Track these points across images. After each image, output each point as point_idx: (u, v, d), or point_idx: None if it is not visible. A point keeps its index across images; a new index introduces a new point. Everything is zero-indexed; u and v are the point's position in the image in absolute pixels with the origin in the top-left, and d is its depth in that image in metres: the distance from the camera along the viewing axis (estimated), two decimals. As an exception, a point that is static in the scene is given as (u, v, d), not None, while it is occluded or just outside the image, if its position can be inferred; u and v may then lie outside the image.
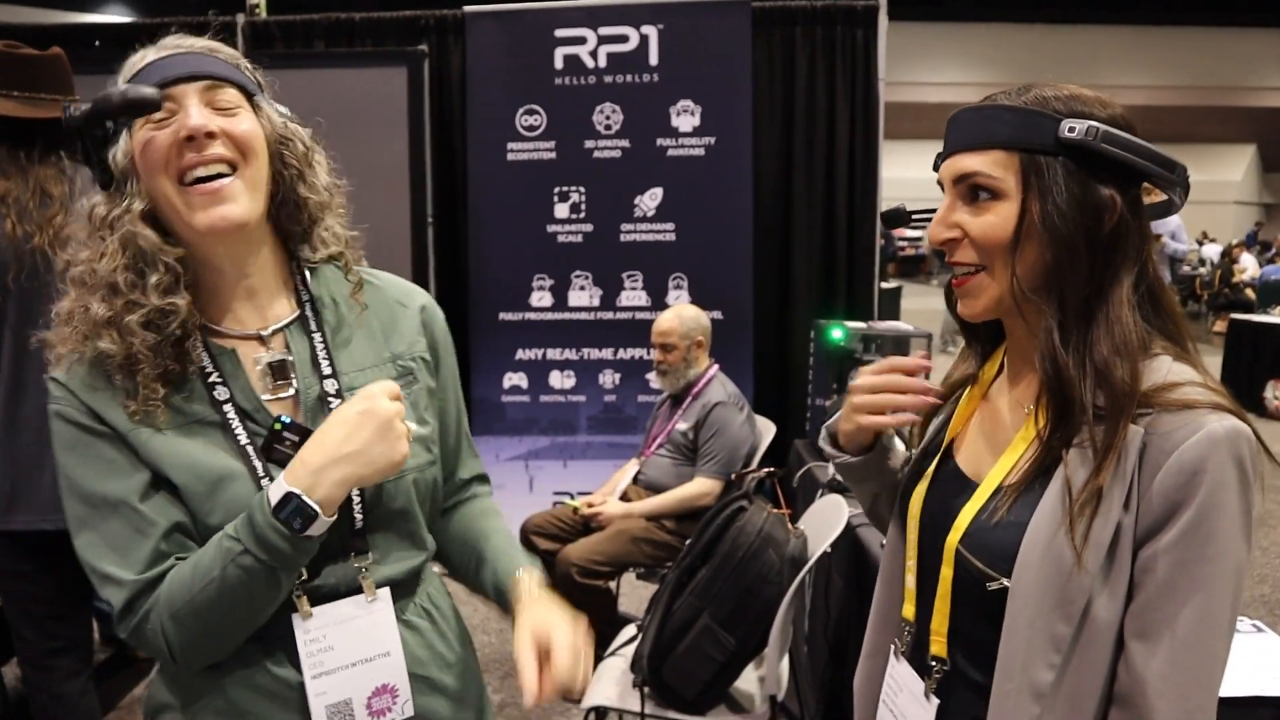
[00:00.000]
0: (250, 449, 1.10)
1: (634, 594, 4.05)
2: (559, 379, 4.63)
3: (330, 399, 1.15)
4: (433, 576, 1.28)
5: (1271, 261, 12.93)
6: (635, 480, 3.65)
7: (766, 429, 3.73)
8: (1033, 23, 19.23)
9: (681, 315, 3.58)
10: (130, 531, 1.06)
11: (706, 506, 3.34)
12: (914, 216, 1.18)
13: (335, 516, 1.05)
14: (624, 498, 3.59)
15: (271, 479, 1.07)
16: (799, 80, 4.60)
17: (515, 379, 4.63)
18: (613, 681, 2.47)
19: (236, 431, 1.10)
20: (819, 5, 4.53)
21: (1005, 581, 1.00)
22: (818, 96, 4.60)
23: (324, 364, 1.17)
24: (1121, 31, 19.33)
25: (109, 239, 1.07)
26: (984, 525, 1.04)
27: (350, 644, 1.14)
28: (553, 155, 4.51)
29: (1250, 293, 12.86)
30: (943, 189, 1.07)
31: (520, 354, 4.61)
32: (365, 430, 1.04)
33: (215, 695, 1.12)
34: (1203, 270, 16.11)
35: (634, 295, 4.56)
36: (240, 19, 4.54)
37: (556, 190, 4.53)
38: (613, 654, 2.61)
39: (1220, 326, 12.12)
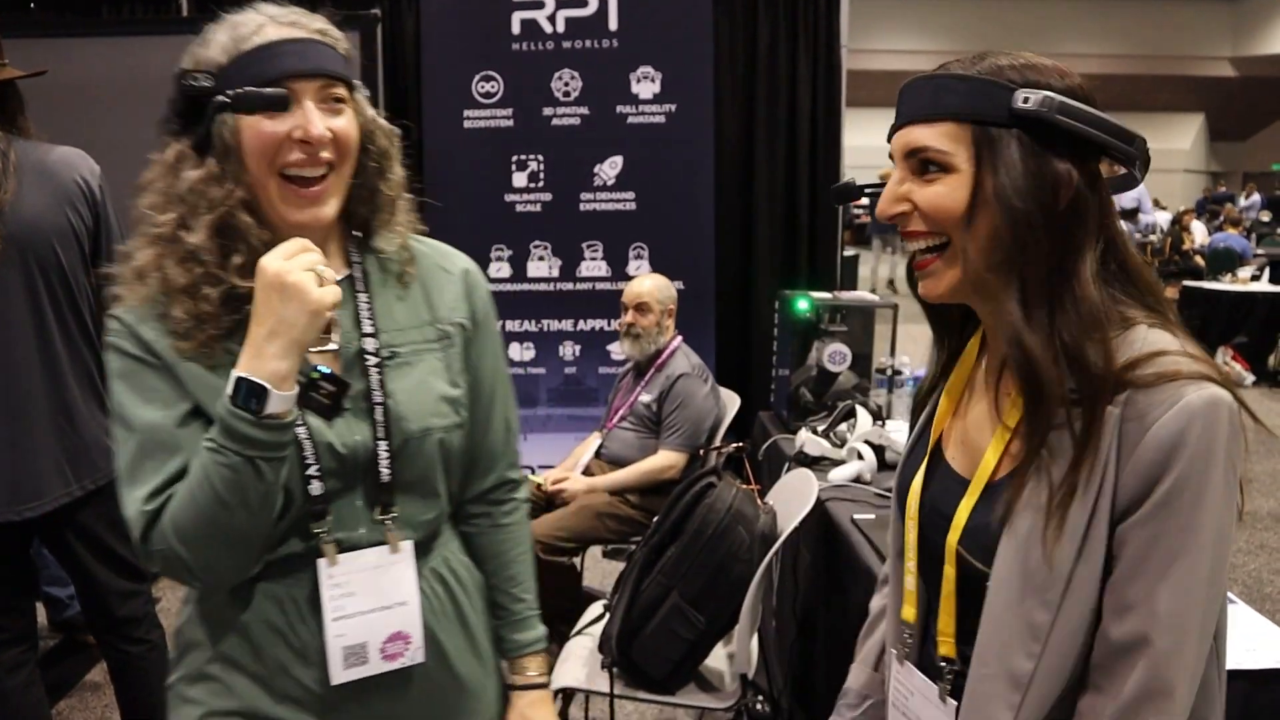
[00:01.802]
0: None
1: (596, 568, 4.02)
2: (518, 351, 4.56)
3: (368, 356, 1.21)
4: (453, 541, 1.34)
5: (1220, 229, 13.11)
6: (598, 454, 3.60)
7: (731, 401, 3.69)
8: (989, -9, 19.31)
9: (656, 281, 3.53)
10: (160, 456, 1.11)
11: (671, 480, 3.30)
12: (865, 190, 1.15)
13: (295, 391, 1.09)
14: (587, 472, 3.54)
15: (303, 421, 1.15)
16: (761, 47, 4.54)
17: (474, 351, 4.54)
18: (580, 662, 2.43)
19: None
20: (781, -30, 4.47)
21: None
22: (780, 63, 4.54)
23: (366, 323, 1.22)
24: (1074, 0, 19.46)
25: (203, 214, 1.12)
26: (980, 523, 1.01)
27: (371, 591, 1.21)
28: (510, 123, 4.41)
29: (1200, 260, 13.06)
30: (894, 161, 1.03)
31: (479, 326, 4.52)
32: (271, 299, 1.07)
33: (239, 635, 1.19)
34: (1153, 238, 16.33)
35: (594, 265, 4.50)
36: (183, -20, 4.39)
37: (514, 158, 4.44)
38: (579, 634, 2.57)
39: (1171, 293, 12.30)
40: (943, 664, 1.08)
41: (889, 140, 1.04)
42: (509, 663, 1.40)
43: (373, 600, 1.20)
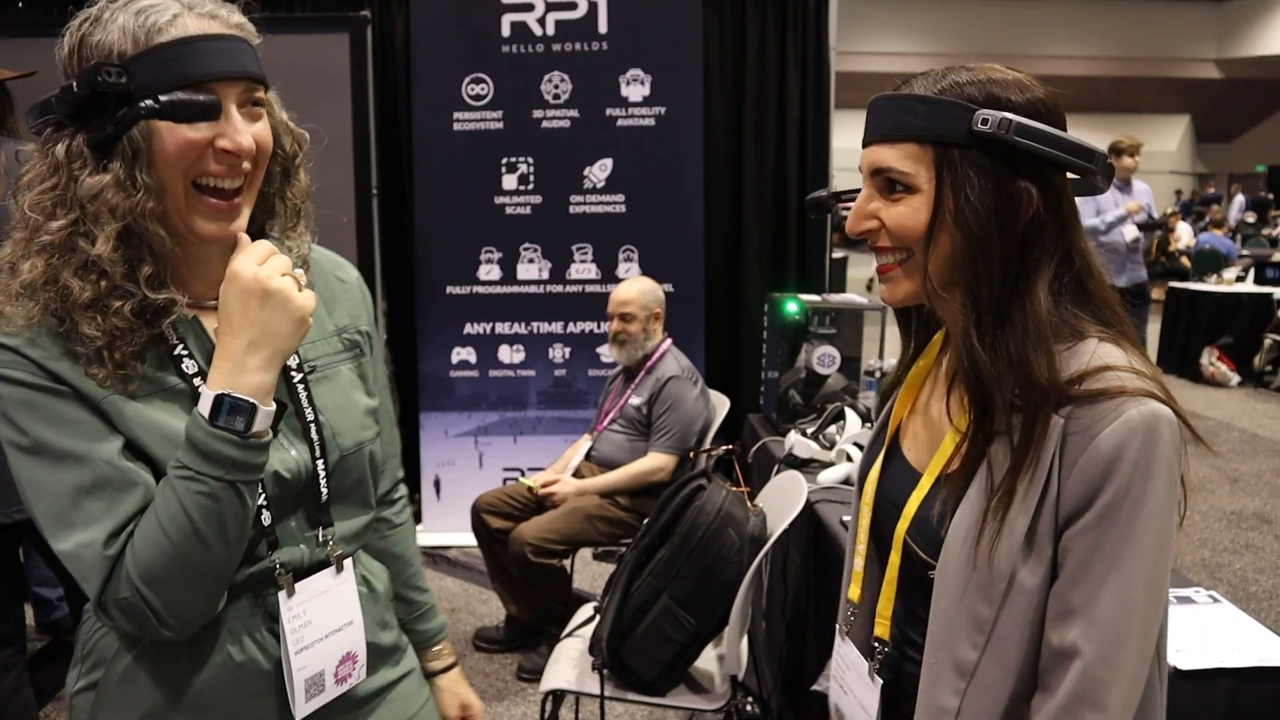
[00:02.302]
0: None
1: (586, 570, 4.03)
2: (508, 353, 4.56)
3: (293, 373, 1.14)
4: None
5: (1205, 230, 13.19)
6: (588, 456, 3.61)
7: (721, 403, 3.70)
8: (976, -8, 19.38)
9: (640, 286, 3.54)
10: (108, 494, 0.99)
11: (661, 482, 3.31)
12: (841, 198, 1.18)
13: (274, 408, 1.02)
14: (577, 474, 3.55)
15: None
16: (750, 49, 4.55)
17: (464, 353, 4.55)
18: (570, 664, 2.43)
19: None
20: (770, -27, 4.48)
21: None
22: (769, 66, 4.56)
23: None
24: (1061, 3, 19.54)
25: (106, 223, 0.99)
26: (927, 515, 1.06)
27: (323, 616, 1.17)
28: (500, 125, 4.41)
29: (1186, 261, 13.14)
30: (862, 177, 1.07)
31: (469, 328, 4.53)
32: (250, 308, 1.00)
33: (191, 687, 1.10)
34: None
35: (584, 268, 4.50)
36: (172, -19, 4.36)
37: (504, 161, 4.44)
38: (570, 635, 2.58)
39: (1158, 294, 12.39)
40: (876, 644, 1.14)
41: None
42: (421, 653, 1.43)
43: (326, 625, 1.17)
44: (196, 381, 1.07)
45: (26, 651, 2.38)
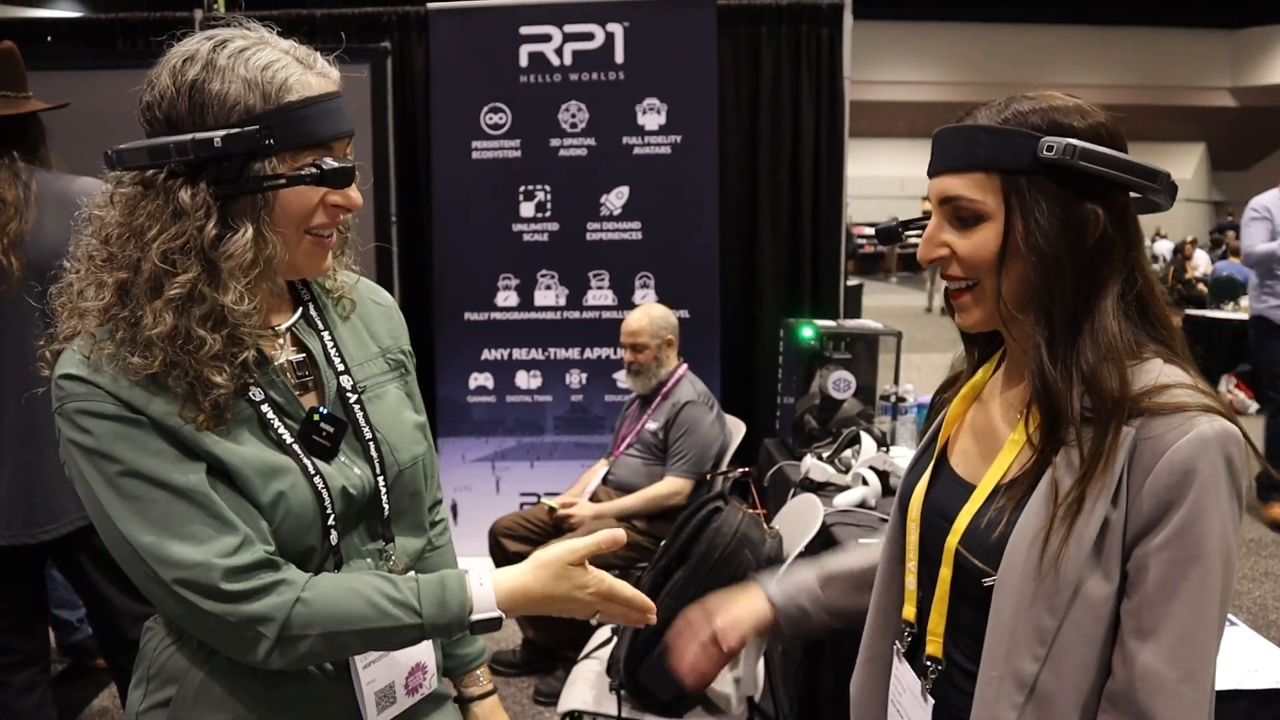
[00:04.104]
0: (288, 439, 1.11)
1: (603, 595, 4.02)
2: (525, 379, 4.59)
3: (348, 394, 1.19)
4: None
5: (1224, 258, 13.15)
6: (605, 480, 3.63)
7: (737, 428, 3.72)
8: (989, 22, 19.48)
9: (651, 314, 3.56)
10: (207, 516, 1.02)
11: (677, 506, 3.33)
12: (906, 229, 1.22)
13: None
14: (594, 498, 3.57)
15: (316, 470, 1.11)
16: (764, 78, 4.60)
17: (481, 379, 4.58)
18: (588, 685, 2.45)
19: (274, 424, 1.10)
20: (784, 3, 4.53)
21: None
22: (783, 95, 4.60)
23: (336, 361, 1.20)
24: (1075, 31, 19.65)
25: (239, 277, 1.04)
26: (980, 526, 1.05)
27: None
28: (518, 154, 4.46)
29: (1203, 288, 13.09)
30: (931, 205, 1.10)
31: (486, 354, 4.57)
32: (564, 602, 1.18)
33: (262, 705, 1.13)
34: (1156, 267, 16.39)
35: (600, 294, 4.54)
36: (198, 15, 4.46)
37: (522, 189, 4.49)
38: (587, 657, 2.59)
39: (1175, 322, 12.32)
40: (929, 663, 1.13)
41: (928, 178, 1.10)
42: (459, 677, 1.44)
43: None
44: (264, 407, 1.11)
45: (50, 671, 2.40)
